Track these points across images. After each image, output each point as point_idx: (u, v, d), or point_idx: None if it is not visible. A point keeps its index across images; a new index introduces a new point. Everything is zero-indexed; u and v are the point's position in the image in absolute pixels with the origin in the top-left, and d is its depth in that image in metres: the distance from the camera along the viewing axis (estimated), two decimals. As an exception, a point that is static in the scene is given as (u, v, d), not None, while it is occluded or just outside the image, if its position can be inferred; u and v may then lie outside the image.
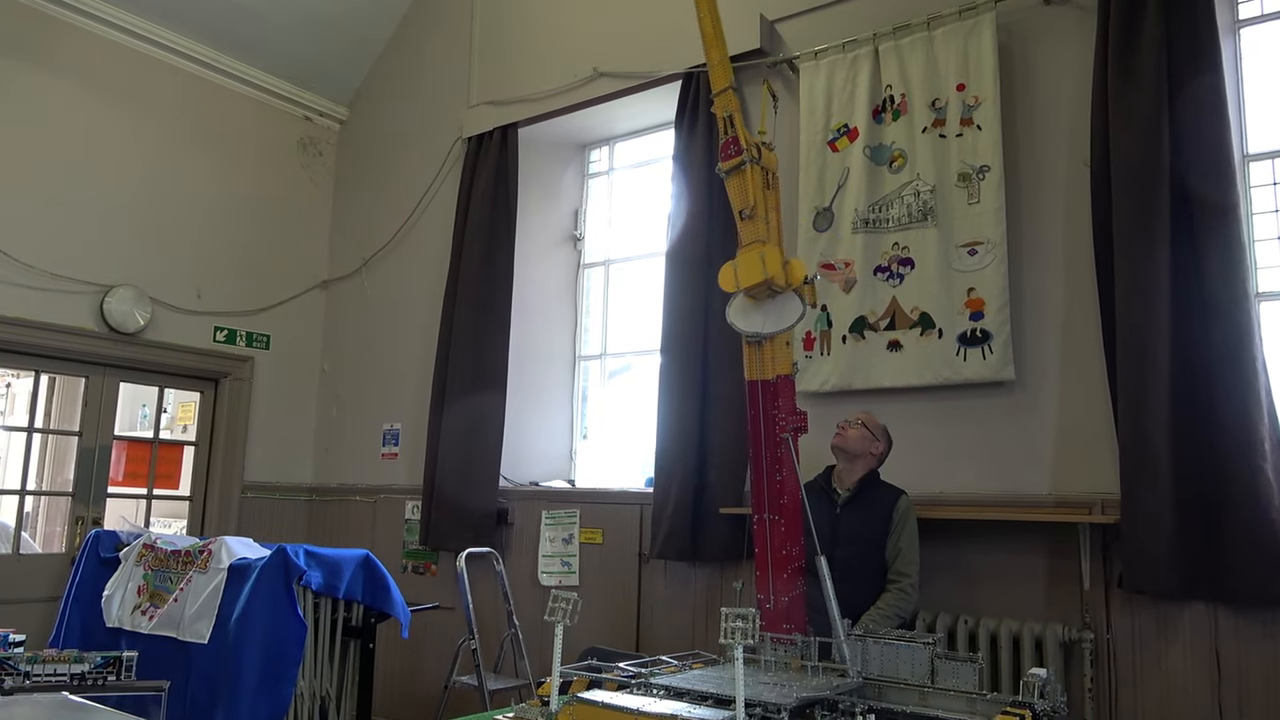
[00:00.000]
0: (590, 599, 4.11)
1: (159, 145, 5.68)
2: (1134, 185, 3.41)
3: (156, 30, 5.63)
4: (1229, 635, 3.23)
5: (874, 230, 4.09)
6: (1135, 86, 3.47)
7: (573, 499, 5.09)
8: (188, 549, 3.75)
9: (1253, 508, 3.11)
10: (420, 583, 5.49)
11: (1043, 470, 3.67)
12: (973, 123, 3.89)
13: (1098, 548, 3.46)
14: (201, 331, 5.83)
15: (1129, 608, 3.41)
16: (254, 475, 6.03)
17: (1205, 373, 3.26)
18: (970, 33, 3.94)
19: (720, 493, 4.30)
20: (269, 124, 6.33)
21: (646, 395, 5.01)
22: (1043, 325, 3.76)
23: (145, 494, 5.70)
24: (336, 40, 6.31)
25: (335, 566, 3.63)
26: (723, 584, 4.36)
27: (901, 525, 3.39)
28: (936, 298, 3.89)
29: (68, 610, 3.91)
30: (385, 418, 6.02)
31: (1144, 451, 3.26)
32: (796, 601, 2.58)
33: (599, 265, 5.81)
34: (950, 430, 3.89)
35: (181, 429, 6.51)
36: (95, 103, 5.40)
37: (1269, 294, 3.59)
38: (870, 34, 4.20)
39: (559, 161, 5.89)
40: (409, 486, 5.72)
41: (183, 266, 5.75)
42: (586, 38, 5.37)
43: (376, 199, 6.36)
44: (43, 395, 5.55)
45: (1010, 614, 3.53)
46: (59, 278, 5.14)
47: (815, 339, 4.17)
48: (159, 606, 3.66)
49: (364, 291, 6.31)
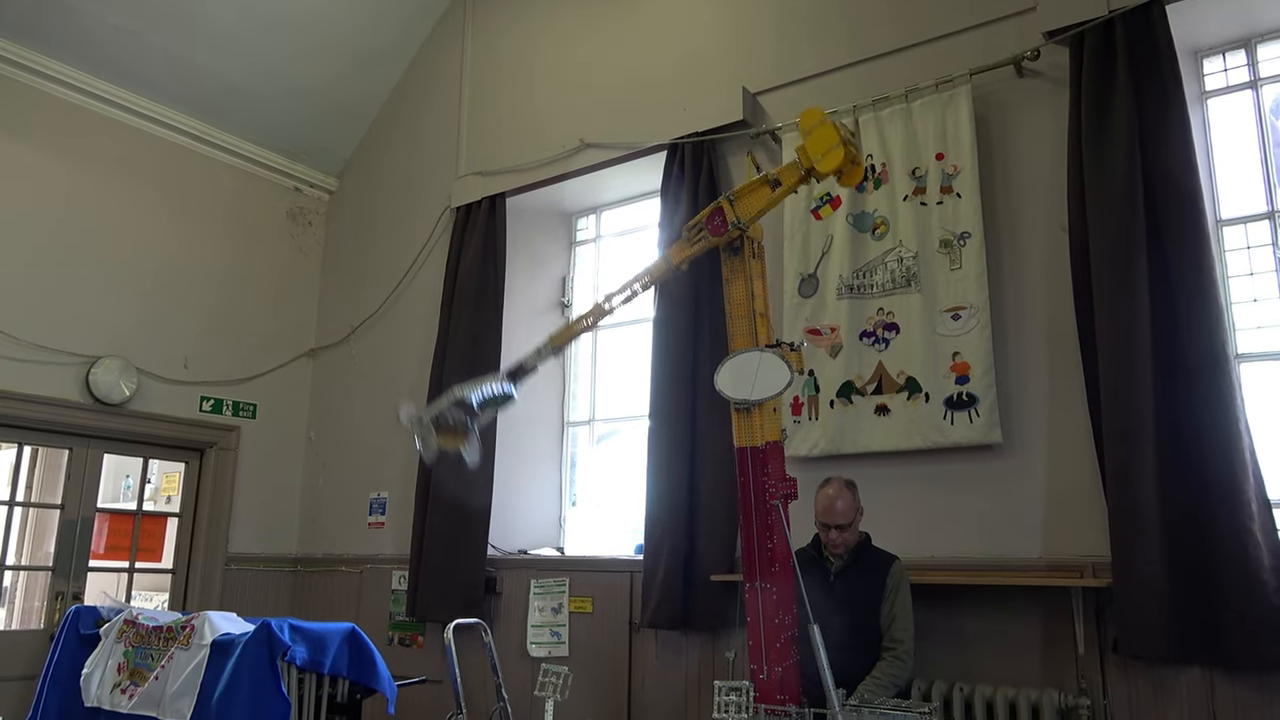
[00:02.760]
0: (580, 669, 4.05)
1: (146, 216, 5.72)
2: (1111, 250, 3.48)
3: (143, 103, 5.72)
4: (1226, 700, 3.20)
5: (859, 296, 4.14)
6: (1109, 155, 3.57)
7: (562, 567, 5.04)
8: (170, 624, 3.68)
9: (1243, 568, 3.11)
10: (407, 655, 5.39)
11: (1033, 533, 3.67)
12: (953, 190, 3.98)
13: (1090, 611, 3.45)
14: (188, 401, 5.81)
15: (1124, 673, 3.38)
16: (238, 546, 5.95)
17: (1190, 434, 3.29)
18: (948, 104, 4.05)
19: (711, 560, 4.27)
20: (258, 195, 6.40)
21: (635, 461, 5.00)
22: (1028, 388, 3.80)
23: (127, 567, 5.61)
24: (325, 112, 6.42)
25: (320, 641, 3.56)
26: (715, 653, 4.30)
27: (895, 591, 3.36)
28: (922, 362, 3.93)
29: (45, 689, 3.81)
30: (372, 486, 5.98)
31: (1133, 515, 3.27)
32: (790, 671, 2.55)
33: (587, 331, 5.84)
34: (939, 494, 3.89)
35: (165, 500, 6.44)
36: (83, 174, 5.45)
37: (1248, 355, 3.64)
38: (850, 105, 4.31)
39: (546, 230, 5.96)
40: (396, 556, 5.65)
41: (170, 336, 5.75)
42: (573, 109, 5.48)
43: (365, 268, 6.41)
44: (25, 467, 5.48)
45: (1006, 680, 3.49)
46: (44, 349, 5.13)
47: (803, 404, 4.19)
48: (139, 684, 3.58)
49: (352, 360, 6.32)
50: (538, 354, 3.17)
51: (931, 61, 4.19)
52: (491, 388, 3.13)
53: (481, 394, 3.11)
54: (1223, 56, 3.97)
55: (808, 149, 2.84)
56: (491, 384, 3.14)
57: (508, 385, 3.15)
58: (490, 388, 3.12)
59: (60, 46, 5.29)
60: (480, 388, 3.12)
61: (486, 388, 3.12)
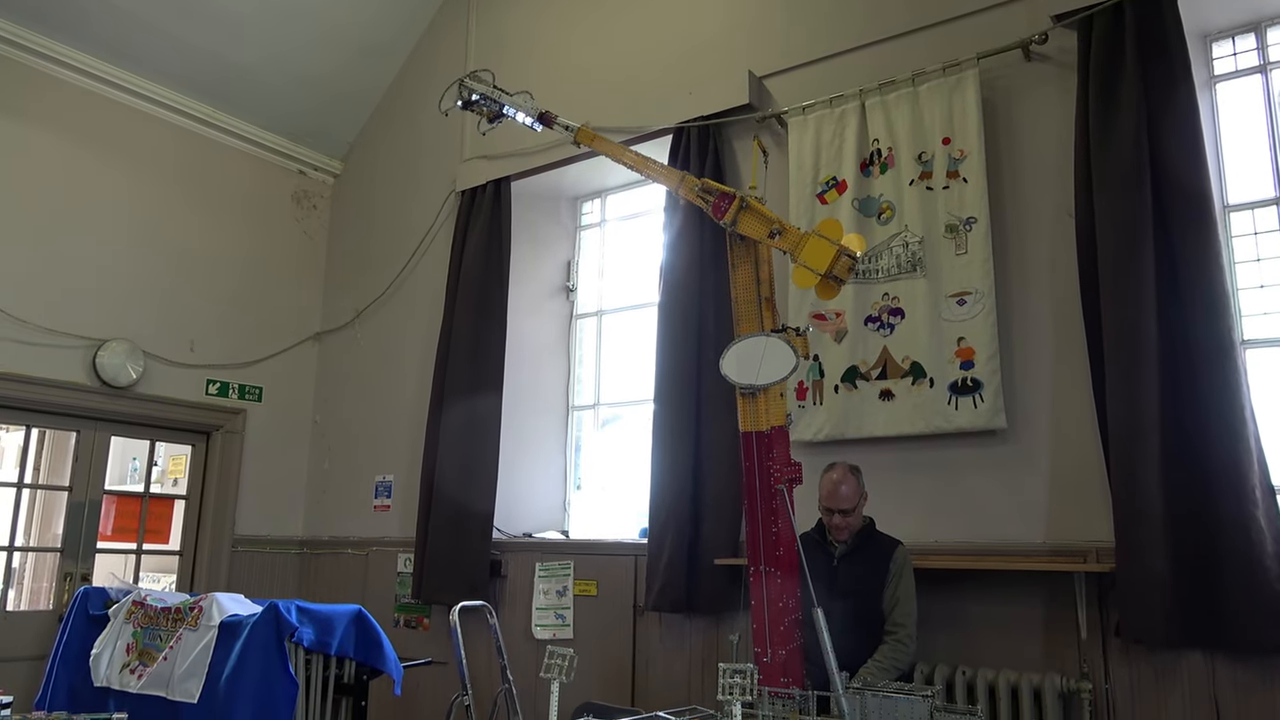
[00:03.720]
0: (585, 652, 4.07)
1: (152, 199, 5.73)
2: (1117, 236, 3.47)
3: (149, 86, 5.71)
4: (1227, 684, 3.22)
5: (864, 281, 4.14)
6: (1116, 139, 3.56)
7: (567, 550, 5.07)
8: (178, 606, 3.70)
9: (1246, 554, 3.12)
10: (413, 637, 5.43)
11: (1036, 519, 3.68)
12: (959, 175, 3.96)
13: (1093, 596, 3.46)
14: (194, 384, 5.83)
15: (1127, 657, 3.39)
16: (245, 529, 5.99)
17: (1195, 421, 3.29)
18: (954, 88, 4.04)
19: (715, 544, 4.29)
20: (263, 178, 6.40)
21: (640, 445, 5.02)
22: (1033, 374, 3.80)
23: (135, 549, 5.65)
24: (330, 96, 6.41)
25: (327, 623, 3.58)
26: (719, 636, 4.32)
27: (899, 576, 3.38)
28: (927, 347, 3.93)
29: (55, 669, 3.84)
30: (378, 469, 6.00)
31: (1137, 500, 3.27)
32: (794, 655, 2.57)
33: (591, 316, 5.85)
34: (943, 479, 3.90)
35: (172, 482, 6.47)
36: (88, 157, 5.45)
37: (1254, 341, 3.64)
38: (857, 89, 4.29)
39: (551, 214, 5.96)
40: (401, 539, 5.68)
41: (176, 319, 5.77)
42: (578, 92, 5.46)
43: (370, 252, 6.41)
44: (33, 450, 5.51)
45: (1008, 664, 3.50)
46: (52, 332, 5.15)
47: (808, 389, 4.20)
48: (148, 665, 3.60)
49: (357, 343, 6.33)
50: (562, 126, 3.38)
51: (939, 45, 4.16)
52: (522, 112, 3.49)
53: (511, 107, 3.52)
54: (1232, 40, 3.95)
55: (803, 255, 2.74)
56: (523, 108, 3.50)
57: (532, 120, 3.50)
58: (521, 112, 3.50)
59: (68, 30, 5.28)
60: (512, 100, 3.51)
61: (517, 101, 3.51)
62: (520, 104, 3.50)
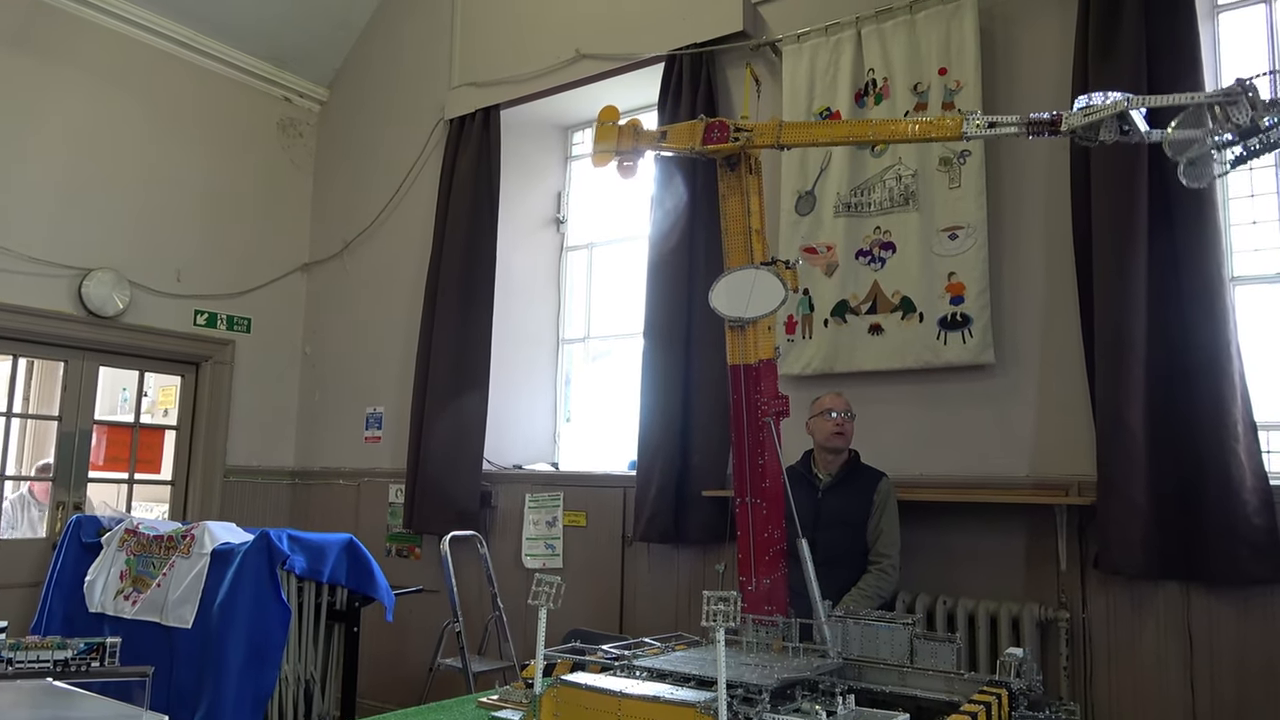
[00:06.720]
0: (574, 581, 4.14)
1: (136, 126, 5.61)
2: (1112, 170, 3.43)
3: (131, 9, 5.55)
4: (1201, 614, 3.29)
5: (856, 214, 4.10)
6: (1115, 70, 3.49)
7: (556, 482, 5.11)
8: (170, 534, 3.74)
9: (1225, 489, 3.16)
10: (404, 566, 5.50)
11: (1021, 453, 3.71)
12: (954, 107, 3.90)
13: (1074, 529, 3.51)
14: (182, 315, 5.79)
15: (1104, 588, 3.46)
16: (236, 459, 6.01)
17: (1181, 356, 3.31)
18: (952, 16, 3.95)
19: (703, 476, 4.33)
20: (248, 105, 6.26)
21: (630, 379, 5.02)
22: (1022, 310, 3.79)
23: (126, 478, 5.67)
24: (316, 21, 6.24)
25: (319, 551, 3.63)
26: (705, 566, 4.39)
27: (882, 507, 3.43)
28: (917, 282, 3.91)
29: (50, 596, 3.89)
30: (368, 401, 6.01)
31: (1120, 435, 3.30)
32: (778, 584, 2.60)
33: (582, 248, 5.80)
34: (930, 413, 3.92)
35: (163, 413, 6.48)
36: (69, 84, 5.32)
37: (1243, 278, 3.63)
38: (853, 17, 4.20)
39: (541, 144, 5.86)
40: (392, 470, 5.71)
41: (162, 249, 5.70)
42: (569, 19, 5.33)
43: (357, 181, 6.32)
44: (21, 379, 5.49)
45: (988, 595, 3.58)
46: (36, 261, 5.09)
47: (797, 323, 4.19)
48: (142, 592, 3.65)
49: (345, 274, 6.28)
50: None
51: (938, -29, 4.06)
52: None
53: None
54: (1237, -31, 3.86)
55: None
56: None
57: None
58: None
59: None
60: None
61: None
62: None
